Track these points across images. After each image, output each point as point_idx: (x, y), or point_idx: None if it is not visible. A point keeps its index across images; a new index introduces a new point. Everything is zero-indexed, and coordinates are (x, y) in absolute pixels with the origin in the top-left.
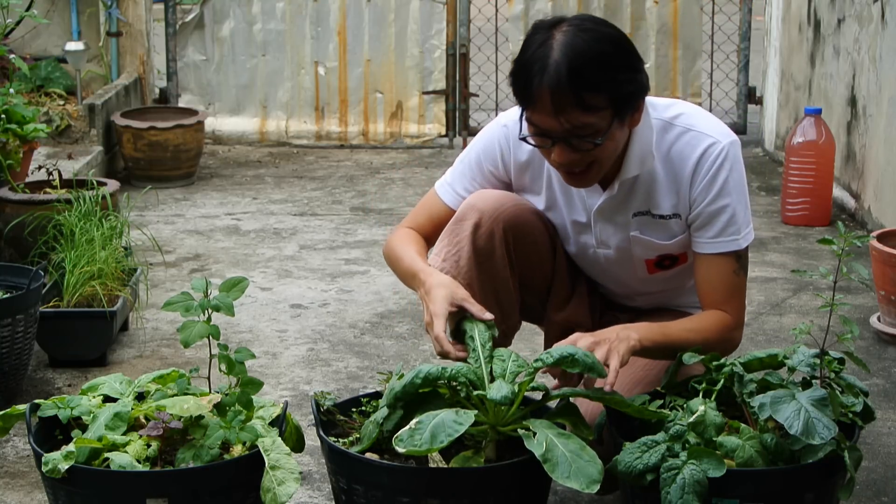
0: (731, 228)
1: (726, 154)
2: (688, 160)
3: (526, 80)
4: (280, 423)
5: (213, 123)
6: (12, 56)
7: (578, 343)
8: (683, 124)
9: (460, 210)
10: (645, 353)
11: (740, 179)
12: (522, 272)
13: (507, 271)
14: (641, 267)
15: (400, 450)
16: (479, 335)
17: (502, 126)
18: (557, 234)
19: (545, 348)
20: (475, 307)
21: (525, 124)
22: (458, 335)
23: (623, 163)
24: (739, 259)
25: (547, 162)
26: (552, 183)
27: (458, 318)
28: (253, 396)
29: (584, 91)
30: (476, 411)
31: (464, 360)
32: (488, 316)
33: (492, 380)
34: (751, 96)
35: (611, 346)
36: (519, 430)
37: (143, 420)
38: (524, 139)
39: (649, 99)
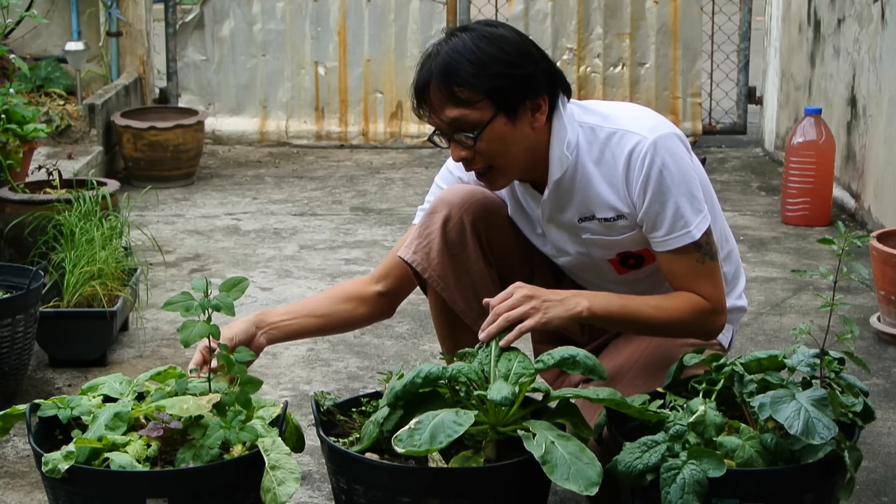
0: (680, 223)
1: (654, 150)
2: (618, 160)
3: (414, 81)
4: (280, 423)
5: (213, 123)
6: (12, 56)
7: (514, 294)
8: (611, 126)
9: (432, 204)
10: (597, 321)
11: (677, 171)
12: (500, 266)
13: (482, 263)
14: (609, 269)
15: (399, 450)
16: None
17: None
18: None
19: (534, 352)
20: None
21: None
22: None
23: (548, 167)
24: (700, 248)
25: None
26: (506, 201)
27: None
28: (253, 396)
29: (453, 85)
30: (476, 411)
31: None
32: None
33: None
34: (751, 96)
35: (539, 305)
36: (519, 430)
37: (143, 420)
38: (430, 139)
39: (584, 102)
